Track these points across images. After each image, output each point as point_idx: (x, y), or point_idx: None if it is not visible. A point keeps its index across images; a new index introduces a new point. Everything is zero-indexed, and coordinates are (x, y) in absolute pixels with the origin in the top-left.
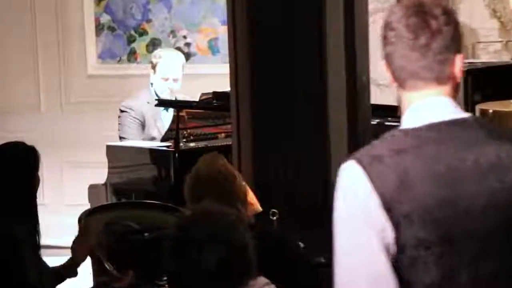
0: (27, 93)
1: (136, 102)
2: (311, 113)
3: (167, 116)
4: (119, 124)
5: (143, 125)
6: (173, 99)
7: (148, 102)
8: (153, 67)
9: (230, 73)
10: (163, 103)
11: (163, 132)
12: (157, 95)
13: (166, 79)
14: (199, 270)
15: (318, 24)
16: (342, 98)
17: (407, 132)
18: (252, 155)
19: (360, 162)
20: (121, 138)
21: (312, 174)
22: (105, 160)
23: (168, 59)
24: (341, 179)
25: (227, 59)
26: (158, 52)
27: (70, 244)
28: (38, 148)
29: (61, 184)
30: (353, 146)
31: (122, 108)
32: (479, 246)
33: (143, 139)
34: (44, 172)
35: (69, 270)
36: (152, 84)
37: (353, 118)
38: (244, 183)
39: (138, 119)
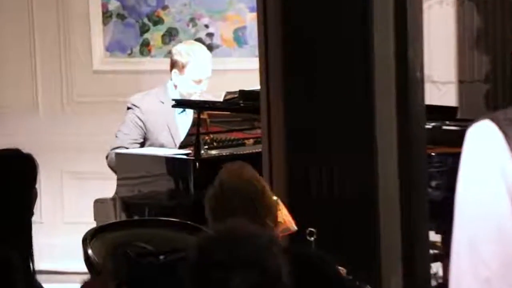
0: (22, 92)
1: (146, 99)
2: (355, 115)
3: (183, 120)
4: (123, 121)
5: (145, 128)
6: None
7: (162, 102)
8: (179, 66)
9: (260, 68)
10: (181, 103)
11: (176, 139)
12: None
13: (199, 82)
14: None
15: (363, 7)
16: (391, 98)
17: None
18: (286, 166)
19: (495, 121)
20: (116, 137)
21: (356, 187)
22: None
23: (201, 58)
24: (473, 136)
25: (256, 51)
26: (184, 48)
27: (71, 269)
28: (34, 155)
29: (61, 199)
30: (404, 155)
31: (129, 105)
32: None
33: (150, 146)
34: (42, 184)
35: None
36: (175, 85)
37: (404, 121)
38: (275, 197)
39: (141, 120)
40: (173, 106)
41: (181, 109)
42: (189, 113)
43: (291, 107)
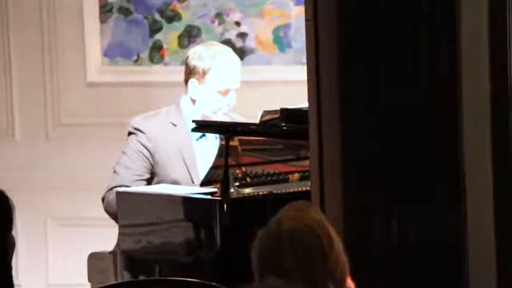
0: None
1: (153, 121)
2: (436, 136)
3: (203, 148)
4: (122, 152)
5: (152, 159)
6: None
7: (174, 124)
8: (199, 73)
9: (308, 80)
10: (203, 125)
11: (193, 173)
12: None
13: (226, 93)
14: None
15: None
16: (484, 111)
17: None
18: (343, 207)
19: None
20: (114, 173)
21: (438, 234)
22: None
23: (227, 61)
24: None
25: (302, 57)
26: (205, 50)
27: None
28: (10, 194)
29: (45, 253)
30: (501, 186)
31: (130, 129)
32: None
33: (159, 183)
34: (19, 234)
35: None
36: (193, 100)
37: (501, 140)
38: (343, 253)
39: (147, 149)
40: (193, 130)
41: (200, 134)
42: (211, 139)
43: (350, 131)
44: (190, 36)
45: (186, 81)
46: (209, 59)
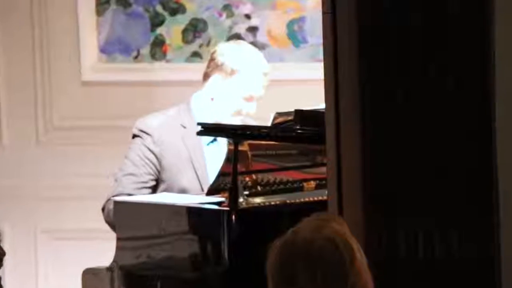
0: None
1: (161, 123)
2: (467, 142)
3: (215, 153)
4: (125, 157)
5: (159, 165)
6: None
7: (183, 127)
8: (227, 70)
9: (325, 78)
10: (209, 128)
11: (203, 181)
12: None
13: (250, 99)
14: None
15: None
16: None
17: None
18: (364, 218)
19: None
20: (116, 180)
21: (468, 250)
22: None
23: (259, 67)
24: None
25: (320, 53)
26: (236, 49)
27: None
28: None
29: (34, 268)
30: None
31: (135, 131)
32: None
33: (165, 191)
34: (8, 247)
35: None
36: (212, 98)
37: None
38: (366, 270)
39: (153, 153)
40: (198, 133)
41: (211, 138)
42: (222, 144)
43: (372, 135)
44: (195, 30)
45: (207, 76)
46: (240, 60)
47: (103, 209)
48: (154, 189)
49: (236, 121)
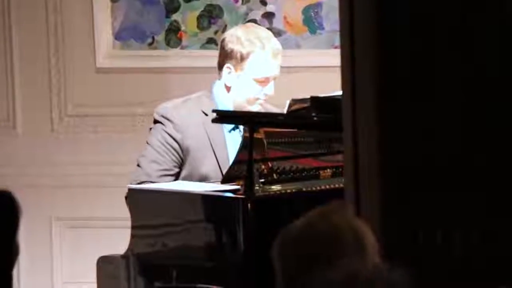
0: None
1: (182, 109)
2: (488, 133)
3: (237, 141)
4: (146, 143)
5: (181, 152)
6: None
7: (205, 114)
8: (237, 57)
9: (342, 65)
10: (224, 115)
11: (225, 168)
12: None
13: (264, 82)
14: None
15: None
16: None
17: None
18: (381, 207)
19: None
20: (138, 166)
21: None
22: (125, 214)
23: (269, 47)
24: None
25: (336, 40)
26: (244, 33)
27: None
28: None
29: (49, 257)
30: None
31: (156, 117)
32: None
33: (186, 178)
34: (22, 236)
35: None
36: (227, 87)
37: None
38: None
39: (175, 140)
40: (214, 120)
41: (232, 125)
42: (237, 132)
43: (391, 124)
44: (210, 16)
45: (220, 66)
46: (248, 44)
47: (126, 198)
48: (177, 176)
49: (255, 108)
